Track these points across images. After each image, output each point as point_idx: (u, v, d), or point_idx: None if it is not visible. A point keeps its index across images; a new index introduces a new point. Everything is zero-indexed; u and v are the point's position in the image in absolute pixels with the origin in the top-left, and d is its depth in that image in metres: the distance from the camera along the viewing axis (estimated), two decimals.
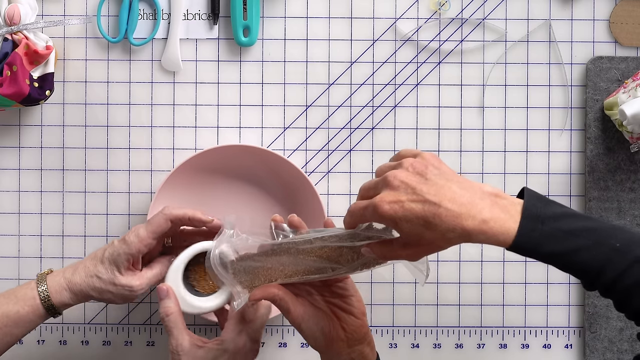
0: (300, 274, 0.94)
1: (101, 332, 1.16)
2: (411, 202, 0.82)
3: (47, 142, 1.16)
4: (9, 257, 1.16)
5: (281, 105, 1.16)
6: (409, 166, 0.85)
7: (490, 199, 0.83)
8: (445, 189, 0.83)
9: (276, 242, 0.94)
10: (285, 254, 0.94)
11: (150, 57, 1.16)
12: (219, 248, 0.94)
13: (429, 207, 0.82)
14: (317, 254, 0.93)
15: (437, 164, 0.86)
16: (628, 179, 1.15)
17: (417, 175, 0.84)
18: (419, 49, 1.16)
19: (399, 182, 0.84)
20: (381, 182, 0.85)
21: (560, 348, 1.17)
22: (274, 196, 1.14)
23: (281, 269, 0.94)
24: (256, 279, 0.95)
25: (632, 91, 1.08)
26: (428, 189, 0.83)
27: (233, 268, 0.94)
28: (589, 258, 0.82)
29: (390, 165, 0.88)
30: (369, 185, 0.88)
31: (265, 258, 0.95)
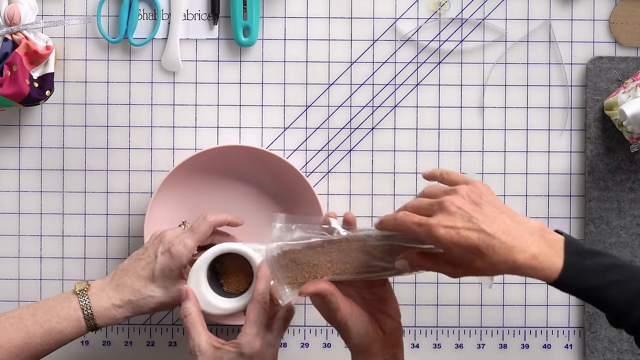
0: (348, 272, 0.94)
1: (101, 332, 1.16)
2: (467, 229, 0.85)
3: (47, 142, 1.16)
4: (9, 257, 1.16)
5: (281, 106, 1.16)
6: (465, 194, 0.88)
7: (538, 234, 0.87)
8: (499, 221, 0.86)
9: (328, 238, 0.94)
10: (335, 251, 0.94)
11: (150, 57, 1.16)
12: (269, 243, 0.94)
13: (484, 237, 0.85)
14: (368, 253, 0.93)
15: (490, 194, 0.89)
16: (628, 179, 1.15)
17: (473, 204, 0.87)
18: (419, 49, 1.16)
19: (456, 208, 0.86)
20: (437, 205, 0.88)
21: (560, 348, 1.17)
22: (272, 197, 1.14)
23: (328, 267, 0.94)
24: (300, 275, 0.94)
25: (632, 91, 1.08)
26: (484, 219, 0.86)
27: (278, 263, 0.94)
28: (621, 293, 0.86)
29: (444, 190, 0.90)
30: (420, 205, 0.90)
31: (312, 254, 0.94)
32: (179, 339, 1.17)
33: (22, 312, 0.99)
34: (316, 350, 1.17)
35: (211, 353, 0.95)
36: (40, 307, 1.00)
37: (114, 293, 1.00)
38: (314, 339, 1.17)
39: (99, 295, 1.00)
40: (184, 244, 1.00)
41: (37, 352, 0.98)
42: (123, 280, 1.01)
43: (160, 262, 1.00)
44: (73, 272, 1.16)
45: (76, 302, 0.99)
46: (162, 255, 1.00)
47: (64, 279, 1.16)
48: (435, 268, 0.90)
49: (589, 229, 1.15)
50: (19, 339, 0.98)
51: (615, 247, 1.14)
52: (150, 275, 1.00)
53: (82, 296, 1.00)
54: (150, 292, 1.00)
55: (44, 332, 0.98)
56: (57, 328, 0.98)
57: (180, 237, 1.01)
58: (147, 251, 1.01)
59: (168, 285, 1.00)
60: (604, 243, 1.14)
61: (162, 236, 1.02)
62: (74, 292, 1.01)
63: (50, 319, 0.99)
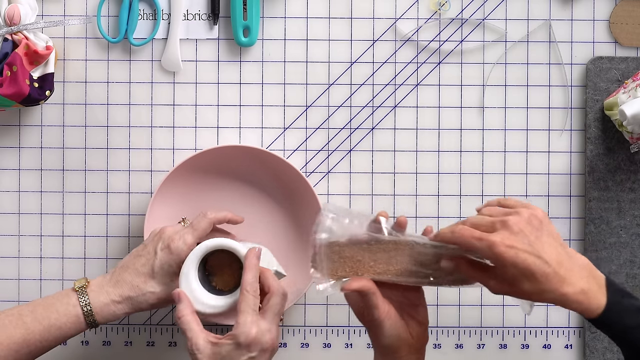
0: (389, 274, 0.95)
1: (101, 332, 1.16)
2: (525, 252, 0.87)
3: (47, 142, 1.16)
4: (9, 258, 1.16)
5: (281, 106, 1.16)
6: (527, 218, 0.89)
7: (587, 269, 0.91)
8: (555, 251, 0.89)
9: (377, 237, 0.94)
10: (381, 251, 0.95)
11: (150, 58, 1.16)
12: (320, 232, 0.95)
13: (541, 264, 0.87)
14: (414, 258, 0.94)
15: (548, 222, 0.91)
16: (628, 179, 1.15)
17: (534, 230, 0.89)
18: (419, 49, 1.16)
19: (519, 229, 0.88)
20: (499, 223, 0.89)
21: (560, 348, 1.17)
22: (272, 197, 1.14)
23: (371, 265, 0.95)
24: (341, 269, 0.95)
25: (632, 91, 1.08)
26: (542, 247, 0.88)
27: (324, 253, 0.95)
28: None
29: (504, 211, 0.92)
30: (480, 222, 0.91)
31: (357, 250, 0.95)
32: (179, 339, 1.17)
33: (21, 309, 0.99)
34: (316, 350, 1.17)
35: (209, 350, 0.95)
36: (39, 304, 1.00)
37: (113, 289, 1.00)
38: (314, 339, 1.17)
39: (98, 291, 1.00)
40: (184, 240, 1.00)
41: (37, 348, 0.99)
42: (122, 277, 1.01)
43: (160, 258, 1.00)
44: (73, 272, 1.16)
45: (75, 299, 0.99)
46: (162, 251, 1.00)
47: (64, 279, 1.16)
48: (481, 279, 0.92)
49: (589, 229, 1.15)
50: (18, 335, 0.98)
51: (615, 247, 1.14)
52: (149, 271, 1.00)
53: (81, 293, 1.00)
54: (149, 288, 1.00)
55: (43, 328, 0.98)
56: (56, 324, 0.99)
57: (180, 233, 1.01)
58: (146, 248, 1.02)
59: (167, 282, 1.00)
60: (604, 243, 1.15)
61: (161, 232, 1.02)
62: (73, 289, 1.01)
63: (49, 315, 0.99)
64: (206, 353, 0.95)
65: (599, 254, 1.14)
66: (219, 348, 0.95)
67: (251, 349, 0.94)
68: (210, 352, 0.95)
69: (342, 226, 0.95)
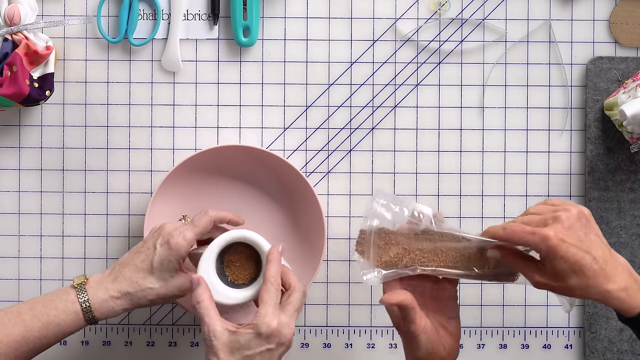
0: (434, 263, 0.97)
1: (101, 332, 1.16)
2: (576, 247, 0.90)
3: (47, 142, 1.16)
4: (9, 258, 1.16)
5: (281, 106, 1.16)
6: (577, 215, 0.92)
7: (627, 270, 0.93)
8: (601, 249, 0.91)
9: (426, 226, 0.97)
10: (428, 241, 0.97)
11: (150, 58, 1.16)
12: (371, 218, 0.97)
13: (590, 260, 0.90)
14: (459, 251, 0.96)
15: (593, 222, 0.94)
16: (628, 179, 1.15)
17: (583, 227, 0.92)
18: (419, 49, 1.16)
19: (570, 225, 0.91)
20: (551, 219, 0.92)
21: (560, 348, 1.16)
22: (272, 197, 1.14)
23: (417, 253, 0.97)
24: (385, 255, 0.97)
25: (632, 91, 1.08)
26: (590, 244, 0.91)
27: (373, 240, 0.96)
28: None
29: (553, 209, 0.94)
30: (531, 220, 0.93)
31: (404, 238, 0.97)
32: (179, 339, 1.17)
33: (20, 307, 0.99)
34: (316, 350, 1.17)
35: (227, 337, 0.94)
36: (38, 301, 1.00)
37: (112, 285, 1.00)
38: (314, 339, 1.17)
39: (96, 288, 1.00)
40: (183, 236, 1.00)
41: (36, 346, 0.98)
42: (122, 273, 1.00)
43: (159, 253, 1.00)
44: (73, 272, 1.16)
45: (74, 296, 0.99)
46: (161, 247, 1.00)
47: (64, 279, 1.16)
48: (525, 271, 0.94)
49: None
50: (17, 333, 0.98)
51: (615, 248, 1.14)
52: (149, 267, 1.00)
53: (80, 289, 1.00)
54: (148, 284, 1.00)
55: (42, 325, 0.98)
56: (55, 321, 0.98)
57: (180, 229, 1.01)
58: (146, 244, 1.02)
59: (166, 277, 1.00)
60: None
61: (161, 229, 1.02)
62: (71, 286, 1.00)
63: (48, 312, 0.99)
64: (222, 340, 0.94)
65: None
66: (237, 336, 0.94)
67: (270, 341, 0.94)
68: (227, 340, 0.94)
69: (392, 213, 0.97)
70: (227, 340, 0.94)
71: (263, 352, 0.94)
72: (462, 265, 0.97)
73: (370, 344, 1.17)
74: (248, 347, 0.94)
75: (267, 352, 0.94)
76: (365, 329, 1.16)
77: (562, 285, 0.91)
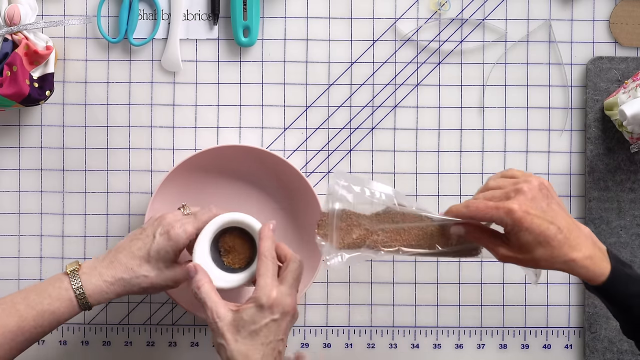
0: (397, 243, 0.96)
1: (101, 332, 1.16)
2: (541, 218, 0.90)
3: (47, 142, 1.16)
4: (9, 257, 1.16)
5: (281, 106, 1.16)
6: (538, 186, 0.92)
7: (591, 239, 0.93)
8: (564, 219, 0.91)
9: (389, 206, 0.96)
10: (390, 221, 0.96)
11: (150, 58, 1.16)
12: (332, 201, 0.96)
13: (555, 230, 0.90)
14: (422, 230, 0.96)
15: (554, 191, 0.94)
16: (628, 179, 1.15)
17: (545, 198, 0.92)
18: (419, 49, 1.16)
19: (532, 196, 0.91)
20: (513, 191, 0.91)
21: (560, 348, 1.17)
22: (272, 197, 1.14)
23: (379, 234, 0.96)
24: (347, 237, 0.96)
25: (632, 91, 1.08)
26: (554, 214, 0.91)
27: (335, 222, 0.96)
28: None
29: (513, 181, 0.93)
30: (493, 195, 0.93)
31: (366, 219, 0.96)
32: (179, 339, 1.17)
33: (14, 297, 0.99)
34: (316, 351, 1.17)
35: (231, 317, 0.94)
36: (32, 290, 0.99)
37: (106, 270, 1.00)
38: (314, 339, 1.17)
39: (89, 273, 0.99)
40: (184, 229, 1.00)
41: (32, 335, 0.98)
42: (117, 258, 1.00)
43: (158, 242, 1.00)
44: None
45: (67, 282, 0.99)
46: (161, 236, 1.00)
47: None
48: (490, 245, 0.93)
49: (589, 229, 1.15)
50: (12, 323, 0.97)
51: (615, 247, 1.14)
52: (145, 255, 1.00)
53: (73, 276, 0.99)
54: (143, 272, 1.00)
55: (37, 314, 0.98)
56: (50, 309, 0.98)
57: (182, 221, 1.01)
58: (145, 231, 1.01)
59: (162, 267, 1.00)
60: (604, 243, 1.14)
61: (161, 218, 1.02)
62: (64, 272, 1.00)
63: (42, 300, 0.98)
64: (227, 321, 0.94)
65: None
66: (241, 314, 0.94)
67: (274, 311, 0.94)
68: (231, 319, 0.94)
69: (353, 194, 0.96)
70: (232, 319, 0.94)
71: (269, 324, 0.94)
72: (426, 243, 0.96)
73: (370, 344, 1.17)
74: (253, 321, 0.94)
75: (273, 323, 0.94)
76: (365, 329, 1.16)
77: (528, 257, 0.91)
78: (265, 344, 0.94)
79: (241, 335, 0.94)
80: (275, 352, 0.95)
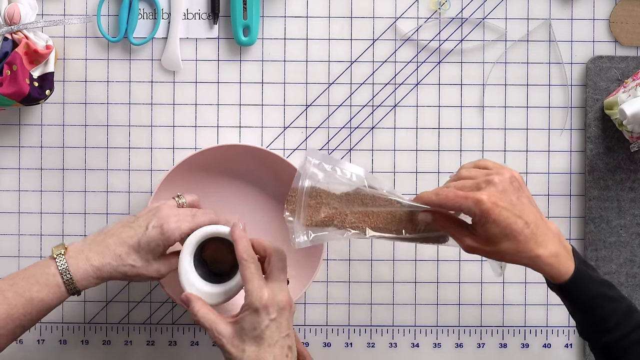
0: (364, 225, 0.96)
1: (101, 332, 1.16)
2: (509, 211, 0.89)
3: (47, 141, 1.16)
4: (9, 257, 1.16)
5: (281, 105, 1.16)
6: (509, 179, 0.91)
7: (557, 236, 0.92)
8: (533, 213, 0.91)
9: (359, 188, 0.96)
10: (359, 202, 0.96)
11: (150, 57, 1.16)
12: (303, 178, 0.96)
13: (521, 224, 0.89)
14: (391, 214, 0.96)
15: (525, 185, 0.93)
16: (628, 179, 1.15)
17: (516, 191, 0.91)
18: (419, 49, 1.16)
19: (503, 188, 0.90)
20: (484, 182, 0.91)
21: (560, 347, 1.16)
22: (272, 196, 1.14)
23: (347, 214, 0.95)
24: (315, 215, 0.95)
25: (632, 90, 1.08)
26: (522, 208, 0.90)
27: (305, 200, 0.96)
28: (615, 308, 0.92)
29: (485, 172, 0.93)
30: (464, 184, 0.92)
31: (335, 198, 0.96)
32: (179, 338, 1.17)
33: (1, 284, 0.97)
34: (316, 350, 1.17)
35: (231, 330, 0.94)
36: (18, 276, 0.98)
37: (94, 255, 0.98)
38: (314, 338, 1.17)
39: (76, 257, 0.98)
40: (179, 226, 0.99)
41: (21, 322, 0.97)
42: (106, 242, 0.99)
43: (149, 234, 0.99)
44: None
45: (54, 268, 0.97)
46: (154, 229, 0.99)
47: None
48: (456, 234, 0.93)
49: (589, 228, 1.15)
50: (1, 311, 0.96)
51: (615, 247, 1.14)
52: (135, 244, 0.99)
53: (60, 260, 0.98)
54: (131, 261, 0.99)
55: (25, 301, 0.96)
56: (38, 296, 0.97)
57: (178, 217, 1.00)
58: (137, 220, 1.00)
59: (150, 259, 0.99)
60: (604, 242, 1.14)
61: (156, 210, 1.01)
62: (51, 257, 0.98)
63: (30, 287, 0.97)
64: (228, 335, 0.94)
65: (598, 253, 1.14)
66: (240, 324, 0.94)
67: (269, 311, 0.94)
68: (232, 332, 0.94)
69: (325, 173, 0.96)
70: (233, 332, 0.94)
71: (269, 325, 0.94)
72: (394, 227, 0.96)
73: (370, 343, 1.17)
74: (253, 327, 0.94)
75: (273, 323, 0.94)
76: (365, 328, 1.16)
77: (493, 250, 0.90)
78: (272, 345, 0.94)
79: (247, 344, 0.94)
80: (284, 349, 0.94)
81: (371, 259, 1.16)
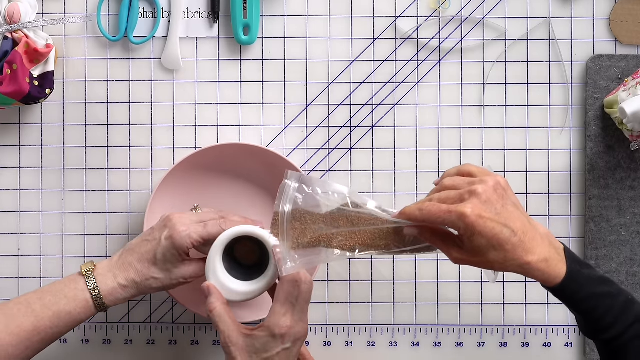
0: (352, 243, 0.95)
1: (101, 331, 1.16)
2: (494, 222, 0.88)
3: (47, 140, 1.16)
4: (9, 256, 1.16)
5: (281, 104, 1.16)
6: (493, 187, 0.90)
7: (547, 239, 0.91)
8: (519, 220, 0.90)
9: (343, 207, 0.95)
10: (344, 221, 0.95)
11: (150, 56, 1.16)
12: (284, 203, 0.95)
13: (508, 233, 0.88)
14: (378, 230, 0.95)
15: (511, 192, 0.92)
16: (628, 177, 1.15)
17: (500, 199, 0.90)
18: (419, 47, 1.16)
19: (487, 198, 0.89)
20: (467, 193, 0.89)
21: (560, 346, 1.16)
22: (272, 195, 1.14)
23: (333, 233, 0.95)
24: (301, 237, 0.95)
25: (632, 89, 1.08)
26: (508, 216, 0.89)
27: (288, 223, 0.95)
28: (611, 305, 0.91)
29: (468, 181, 0.92)
30: (448, 196, 0.91)
31: (320, 219, 0.95)
32: (179, 337, 1.17)
33: (29, 297, 0.99)
34: (316, 349, 1.17)
35: (242, 342, 0.95)
36: (47, 290, 1.00)
37: (120, 272, 1.00)
38: (314, 337, 1.17)
39: (105, 275, 1.00)
40: (189, 235, 1.00)
41: (47, 335, 0.98)
42: (128, 260, 1.01)
43: (163, 246, 1.00)
44: (73, 271, 1.16)
45: (83, 283, 0.99)
46: (166, 240, 1.00)
47: None
48: (442, 246, 0.92)
49: (589, 227, 1.15)
50: (27, 323, 0.97)
51: (615, 245, 1.14)
52: (152, 258, 1.00)
53: (89, 277, 1.00)
54: (152, 274, 1.00)
55: (53, 314, 0.98)
56: (66, 310, 0.98)
57: (189, 227, 1.00)
58: (153, 233, 1.02)
59: (170, 268, 1.00)
60: (604, 241, 1.14)
61: (168, 220, 1.01)
62: (80, 273, 1.01)
63: (58, 301, 0.99)
64: (240, 346, 0.95)
65: (599, 252, 1.15)
66: (253, 340, 0.95)
67: (285, 340, 0.95)
68: (243, 344, 0.95)
69: (306, 194, 0.96)
70: (244, 345, 0.95)
71: (280, 353, 0.95)
72: (382, 242, 0.96)
73: (371, 342, 1.17)
74: (265, 350, 0.95)
75: (285, 352, 0.95)
76: (365, 327, 1.16)
77: (482, 260, 0.90)
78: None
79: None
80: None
81: (371, 257, 1.16)
